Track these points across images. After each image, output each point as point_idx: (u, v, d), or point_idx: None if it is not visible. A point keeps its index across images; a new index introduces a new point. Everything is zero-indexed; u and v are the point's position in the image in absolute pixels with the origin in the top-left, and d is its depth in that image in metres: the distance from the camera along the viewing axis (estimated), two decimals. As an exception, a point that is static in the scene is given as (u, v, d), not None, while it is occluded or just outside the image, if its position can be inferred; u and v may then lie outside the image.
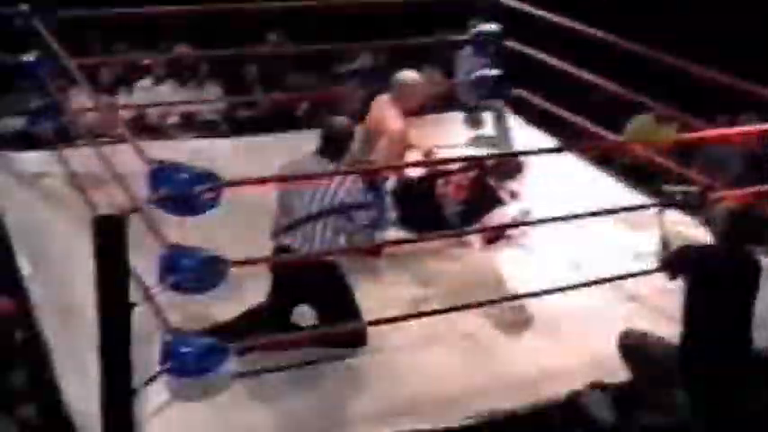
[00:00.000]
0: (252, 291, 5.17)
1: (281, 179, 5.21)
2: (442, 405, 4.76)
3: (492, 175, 6.65)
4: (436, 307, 5.38)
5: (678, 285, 4.74)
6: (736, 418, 4.63)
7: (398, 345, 5.17)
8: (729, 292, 4.59)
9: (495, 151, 7.47)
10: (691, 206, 5.66)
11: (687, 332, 4.60)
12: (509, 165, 6.87)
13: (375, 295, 5.50)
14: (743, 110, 8.37)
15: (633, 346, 4.77)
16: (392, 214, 6.36)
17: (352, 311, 5.07)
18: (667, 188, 5.65)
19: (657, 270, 4.99)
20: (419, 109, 6.61)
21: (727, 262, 4.61)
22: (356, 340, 5.09)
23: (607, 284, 5.57)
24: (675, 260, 4.78)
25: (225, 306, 5.00)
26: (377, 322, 5.07)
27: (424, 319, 5.22)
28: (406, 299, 5.62)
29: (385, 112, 6.28)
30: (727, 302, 4.58)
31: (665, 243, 4.96)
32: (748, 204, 5.29)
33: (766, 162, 7.72)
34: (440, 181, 6.52)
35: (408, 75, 6.41)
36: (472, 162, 6.68)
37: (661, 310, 5.48)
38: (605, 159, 8.57)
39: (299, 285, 5.05)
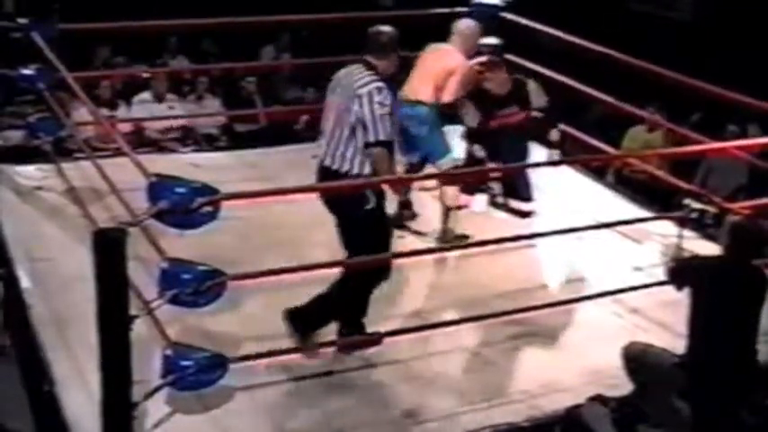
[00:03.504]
0: (250, 303, 5.16)
1: (278, 192, 5.17)
2: (442, 419, 4.73)
3: None
4: (435, 320, 5.37)
5: (679, 298, 4.73)
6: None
7: (398, 358, 5.14)
8: (735, 304, 4.58)
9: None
10: (706, 225, 5.69)
11: (692, 344, 4.58)
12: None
13: (374, 309, 5.48)
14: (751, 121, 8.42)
15: (636, 355, 4.74)
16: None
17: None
18: (688, 203, 5.67)
19: (662, 283, 4.98)
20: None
21: (733, 273, 4.60)
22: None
23: (608, 297, 5.56)
24: (681, 270, 4.78)
25: (223, 318, 4.98)
26: (376, 336, 5.06)
27: (424, 333, 5.21)
28: (406, 312, 5.61)
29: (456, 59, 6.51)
30: (732, 314, 4.57)
31: (675, 254, 4.95)
32: (752, 217, 5.29)
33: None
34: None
35: (466, 22, 6.70)
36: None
37: (662, 323, 5.47)
38: (602, 171, 8.61)
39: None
